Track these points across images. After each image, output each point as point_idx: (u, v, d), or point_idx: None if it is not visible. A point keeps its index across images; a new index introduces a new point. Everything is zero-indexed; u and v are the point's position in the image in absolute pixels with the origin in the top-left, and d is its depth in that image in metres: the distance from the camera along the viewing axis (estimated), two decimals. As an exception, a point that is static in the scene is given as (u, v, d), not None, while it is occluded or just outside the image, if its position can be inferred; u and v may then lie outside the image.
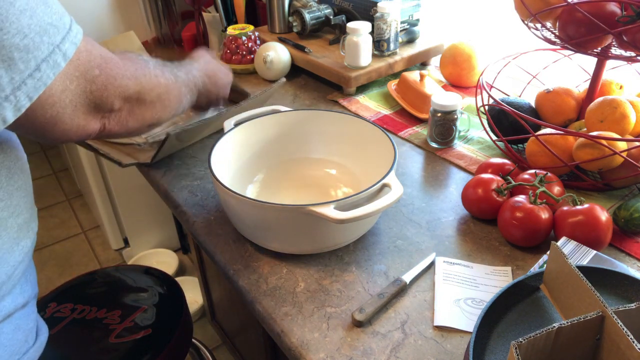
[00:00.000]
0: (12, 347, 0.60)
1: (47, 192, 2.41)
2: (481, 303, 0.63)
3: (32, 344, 0.64)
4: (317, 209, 0.61)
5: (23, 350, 0.62)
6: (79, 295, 0.91)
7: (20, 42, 0.43)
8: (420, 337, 0.59)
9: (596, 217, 0.65)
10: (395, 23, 1.11)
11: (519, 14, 0.82)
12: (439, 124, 0.91)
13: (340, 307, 0.64)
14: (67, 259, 2.01)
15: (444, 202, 0.81)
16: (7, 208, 0.54)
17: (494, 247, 0.72)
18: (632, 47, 0.71)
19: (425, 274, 0.68)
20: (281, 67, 1.19)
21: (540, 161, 0.81)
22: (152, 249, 1.90)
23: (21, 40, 0.43)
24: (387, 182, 0.66)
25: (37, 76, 0.45)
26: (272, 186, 0.83)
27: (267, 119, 0.84)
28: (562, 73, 1.01)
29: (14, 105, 0.44)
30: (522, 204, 0.69)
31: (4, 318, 0.58)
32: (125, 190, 1.74)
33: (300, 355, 0.58)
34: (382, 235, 0.74)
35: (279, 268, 0.69)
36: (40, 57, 0.45)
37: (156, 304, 0.89)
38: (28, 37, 0.43)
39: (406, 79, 1.07)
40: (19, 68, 0.43)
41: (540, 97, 0.90)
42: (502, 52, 1.02)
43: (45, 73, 0.45)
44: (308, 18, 1.22)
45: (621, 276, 0.54)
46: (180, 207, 0.82)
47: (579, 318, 0.43)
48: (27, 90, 0.44)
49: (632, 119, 0.77)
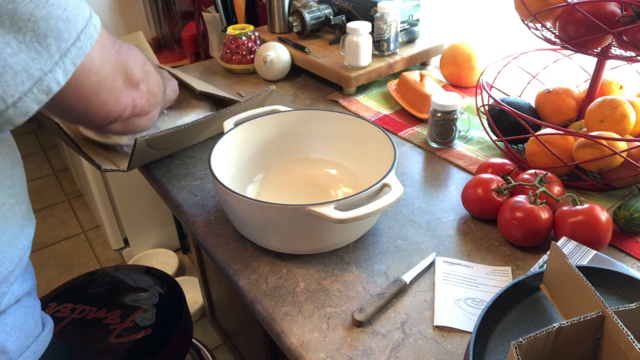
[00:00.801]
0: (26, 330, 0.64)
1: (47, 192, 2.41)
2: (481, 303, 0.63)
3: (41, 330, 0.68)
4: (317, 209, 0.61)
5: (35, 334, 0.66)
6: (79, 295, 0.91)
7: (62, 14, 0.48)
8: (420, 337, 0.59)
9: (596, 217, 0.65)
10: (395, 23, 1.11)
11: (519, 14, 0.82)
12: (439, 124, 0.91)
13: (340, 307, 0.64)
14: (67, 259, 2.01)
15: (444, 202, 0.81)
16: (14, 195, 0.58)
17: (494, 247, 0.72)
18: (632, 47, 0.71)
19: (425, 274, 0.68)
20: (281, 67, 1.19)
21: (540, 161, 0.81)
22: (152, 249, 1.90)
23: (63, 12, 0.49)
24: (387, 182, 0.66)
25: (78, 45, 0.51)
26: (272, 186, 0.84)
27: (267, 119, 0.84)
28: (562, 73, 1.01)
29: (63, 70, 0.50)
30: (522, 204, 0.69)
31: (15, 301, 0.63)
32: (125, 190, 1.74)
33: (300, 355, 0.58)
34: (382, 235, 0.74)
35: (279, 268, 0.69)
36: (79, 28, 0.51)
37: (156, 304, 0.89)
38: (67, 10, 0.49)
39: (406, 79, 1.07)
40: (63, 37, 0.49)
41: (540, 97, 0.90)
42: (502, 52, 1.03)
43: (84, 43, 0.51)
44: (308, 18, 1.22)
45: (621, 276, 0.54)
46: (180, 207, 0.82)
47: (579, 318, 0.43)
48: (72, 58, 0.50)
49: (632, 119, 0.77)
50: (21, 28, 0.46)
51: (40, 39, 0.47)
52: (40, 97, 0.49)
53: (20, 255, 0.61)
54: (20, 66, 0.46)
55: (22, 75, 0.47)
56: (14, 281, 0.62)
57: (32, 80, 0.48)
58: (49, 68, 0.48)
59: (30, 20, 0.46)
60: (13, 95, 0.47)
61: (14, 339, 0.62)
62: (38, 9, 0.46)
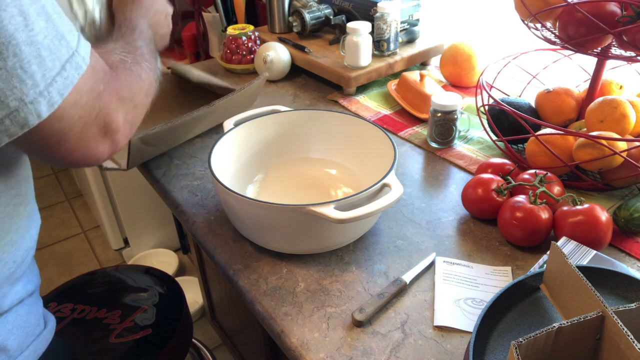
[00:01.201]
0: (28, 328, 0.64)
1: (47, 192, 2.41)
2: (481, 303, 0.63)
3: (43, 328, 0.68)
4: (317, 208, 0.61)
5: (37, 332, 0.66)
6: (79, 295, 0.91)
7: (43, 41, 0.45)
8: (420, 337, 0.59)
9: (596, 217, 0.65)
10: (395, 23, 1.11)
11: (519, 14, 0.82)
12: (439, 124, 0.91)
13: (340, 307, 0.64)
14: (67, 259, 2.01)
15: (444, 202, 0.81)
16: (18, 196, 0.58)
17: (494, 247, 0.72)
18: (632, 47, 0.71)
19: (425, 274, 0.68)
20: (281, 67, 1.19)
21: (540, 161, 0.81)
22: (152, 249, 1.90)
23: (44, 39, 0.45)
24: (387, 182, 0.66)
25: (64, 75, 0.46)
26: (272, 186, 0.84)
27: (267, 118, 0.84)
28: (562, 73, 1.01)
29: (48, 100, 0.45)
30: (522, 204, 0.69)
31: (18, 302, 0.62)
32: (125, 190, 1.74)
33: (300, 355, 0.58)
34: (382, 235, 0.74)
35: (279, 268, 0.69)
36: (64, 58, 0.46)
37: (156, 304, 0.89)
38: (48, 37, 0.45)
39: (406, 79, 1.07)
40: (47, 65, 0.45)
41: (540, 97, 0.90)
42: (502, 52, 1.03)
43: (70, 73, 0.47)
44: (308, 18, 1.22)
45: (621, 276, 0.54)
46: (180, 207, 0.82)
47: (579, 318, 0.43)
48: (58, 87, 0.46)
49: (632, 119, 0.77)
50: (1, 52, 0.42)
51: (24, 64, 0.43)
52: (13, 129, 0.44)
53: (23, 256, 0.61)
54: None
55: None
56: (16, 282, 0.62)
57: (7, 110, 0.43)
58: (30, 98, 0.44)
59: (12, 44, 0.42)
60: None
61: (14, 337, 0.61)
62: (18, 32, 0.43)
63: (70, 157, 0.51)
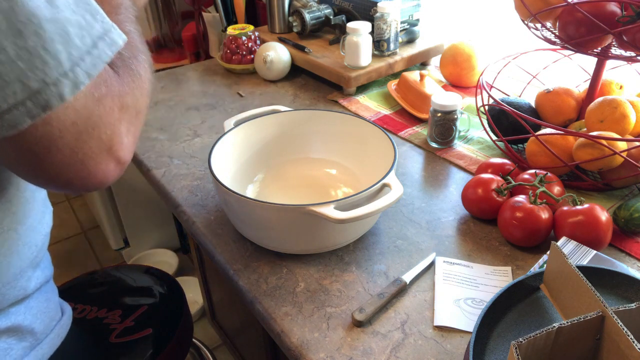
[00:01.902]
0: (49, 313, 0.67)
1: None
2: (481, 303, 0.63)
3: (62, 314, 0.71)
4: (317, 208, 0.61)
5: (57, 318, 0.69)
6: (79, 295, 0.91)
7: (71, 17, 0.41)
8: (420, 337, 0.59)
9: (596, 217, 0.66)
10: (395, 23, 1.11)
11: (519, 14, 0.82)
12: (439, 124, 0.91)
13: (340, 307, 0.64)
14: (67, 259, 2.01)
15: (444, 202, 0.81)
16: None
17: (494, 247, 0.72)
18: (632, 47, 0.71)
19: (425, 274, 0.68)
20: (281, 67, 1.19)
21: (540, 161, 0.81)
22: (152, 249, 1.90)
23: (71, 14, 0.41)
24: (387, 182, 0.66)
25: (94, 53, 0.42)
26: (272, 186, 0.84)
27: (267, 119, 0.84)
28: (562, 73, 1.01)
29: (73, 81, 0.41)
30: (522, 204, 0.69)
31: (36, 288, 0.64)
32: (125, 190, 1.74)
33: (300, 355, 0.58)
34: (382, 235, 0.74)
35: (279, 268, 0.69)
36: (95, 34, 0.42)
37: (156, 304, 0.89)
38: (77, 13, 0.41)
39: (406, 79, 1.07)
40: (75, 43, 0.41)
41: (540, 97, 0.90)
42: (502, 52, 1.03)
43: (102, 50, 0.43)
44: (308, 18, 1.22)
45: (621, 276, 0.54)
46: (180, 207, 0.82)
47: (579, 318, 0.43)
48: (86, 67, 0.41)
49: (632, 119, 0.77)
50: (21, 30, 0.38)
51: (47, 44, 0.39)
52: (35, 111, 0.40)
53: (42, 240, 0.63)
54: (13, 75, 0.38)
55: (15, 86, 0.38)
56: (37, 267, 0.64)
57: (28, 92, 0.39)
58: (53, 79, 0.40)
59: (32, 22, 0.38)
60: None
61: (40, 321, 0.64)
62: (40, 10, 0.38)
63: (65, 174, 0.44)
